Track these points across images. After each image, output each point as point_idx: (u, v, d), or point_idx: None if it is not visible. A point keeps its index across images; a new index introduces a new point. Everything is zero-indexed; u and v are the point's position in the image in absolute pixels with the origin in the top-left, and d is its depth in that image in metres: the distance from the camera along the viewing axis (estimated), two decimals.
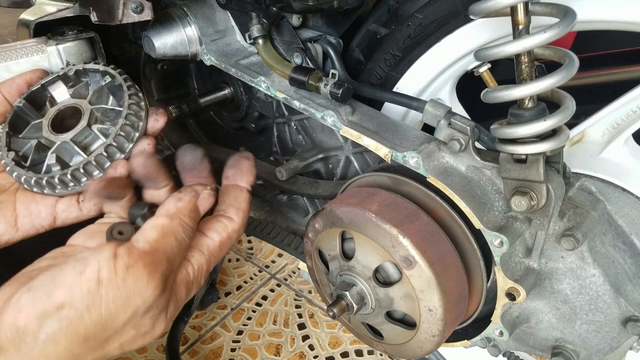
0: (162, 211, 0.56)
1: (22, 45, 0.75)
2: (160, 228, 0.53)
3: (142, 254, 0.50)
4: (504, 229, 0.57)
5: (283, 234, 0.84)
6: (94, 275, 0.47)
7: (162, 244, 0.52)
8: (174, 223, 0.54)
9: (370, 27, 0.73)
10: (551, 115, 0.51)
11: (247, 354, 1.26)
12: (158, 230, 0.53)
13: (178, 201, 0.56)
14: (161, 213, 0.55)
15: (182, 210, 0.56)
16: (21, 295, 0.46)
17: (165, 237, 0.52)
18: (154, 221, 0.54)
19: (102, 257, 0.48)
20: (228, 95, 0.92)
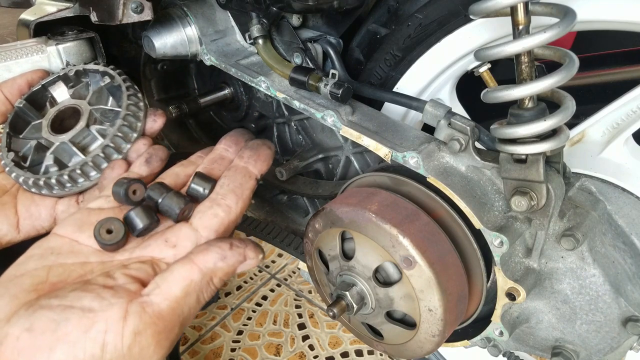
0: (198, 261, 0.49)
1: (22, 45, 0.75)
2: (187, 284, 0.47)
3: (156, 318, 0.45)
4: (504, 229, 0.57)
5: (283, 234, 0.84)
6: (99, 338, 0.43)
7: (182, 305, 0.47)
8: (203, 281, 0.48)
9: (370, 27, 0.73)
10: (551, 115, 0.51)
11: (247, 354, 1.26)
12: (183, 287, 0.47)
13: (222, 259, 0.50)
14: (196, 263, 0.49)
15: (220, 270, 0.50)
16: (21, 334, 0.43)
17: (187, 296, 0.47)
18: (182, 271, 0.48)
19: (110, 317, 0.44)
20: (228, 95, 0.92)
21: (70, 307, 0.45)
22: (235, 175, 0.59)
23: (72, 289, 0.47)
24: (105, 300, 0.45)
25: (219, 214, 0.55)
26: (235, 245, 0.51)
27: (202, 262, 0.49)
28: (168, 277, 0.48)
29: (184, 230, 0.54)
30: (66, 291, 0.47)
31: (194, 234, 0.54)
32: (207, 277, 0.49)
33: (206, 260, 0.49)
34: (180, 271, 0.48)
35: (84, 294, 0.46)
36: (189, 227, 0.55)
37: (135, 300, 0.46)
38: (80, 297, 0.46)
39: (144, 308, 0.45)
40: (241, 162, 0.61)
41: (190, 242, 0.53)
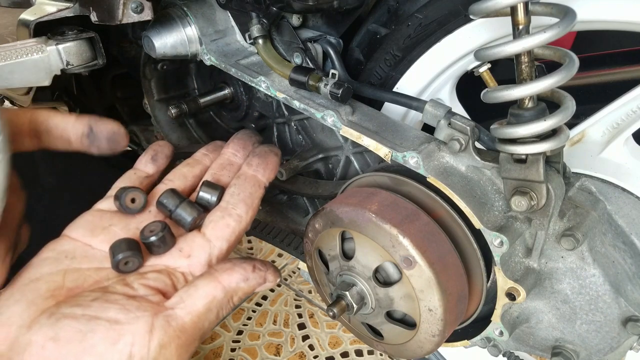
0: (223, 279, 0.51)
1: (22, 45, 0.75)
2: (210, 301, 0.49)
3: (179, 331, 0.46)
4: (504, 229, 0.57)
5: (283, 234, 0.84)
6: (126, 350, 0.44)
7: (203, 320, 0.49)
8: (225, 299, 0.50)
9: (370, 27, 0.73)
10: (551, 115, 0.51)
11: (247, 354, 1.26)
12: (206, 303, 0.49)
13: (244, 280, 0.52)
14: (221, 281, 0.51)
15: (241, 290, 0.52)
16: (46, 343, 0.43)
17: (209, 312, 0.49)
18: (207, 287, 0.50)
19: (137, 330, 0.45)
20: (228, 95, 0.91)
21: (96, 317, 0.45)
22: (244, 184, 0.60)
23: (93, 298, 0.47)
24: (131, 313, 0.46)
25: (230, 224, 0.57)
26: (258, 268, 0.54)
27: (227, 281, 0.51)
28: (193, 293, 0.49)
29: (197, 241, 0.56)
30: (88, 300, 0.47)
31: (207, 244, 0.55)
32: (228, 295, 0.51)
33: (230, 280, 0.51)
34: (204, 288, 0.50)
35: (109, 305, 0.47)
36: (202, 237, 0.56)
37: (160, 314, 0.47)
38: (105, 308, 0.46)
39: (169, 322, 0.46)
40: (250, 170, 0.61)
41: (204, 252, 0.55)
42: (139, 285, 0.50)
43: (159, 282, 0.51)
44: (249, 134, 0.69)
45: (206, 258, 0.55)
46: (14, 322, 0.45)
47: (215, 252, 0.55)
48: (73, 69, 0.78)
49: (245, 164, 0.63)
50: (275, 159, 0.64)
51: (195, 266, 0.54)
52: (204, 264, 0.55)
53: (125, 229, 0.57)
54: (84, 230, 0.56)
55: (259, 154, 0.64)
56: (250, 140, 0.68)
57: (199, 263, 0.55)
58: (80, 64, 0.78)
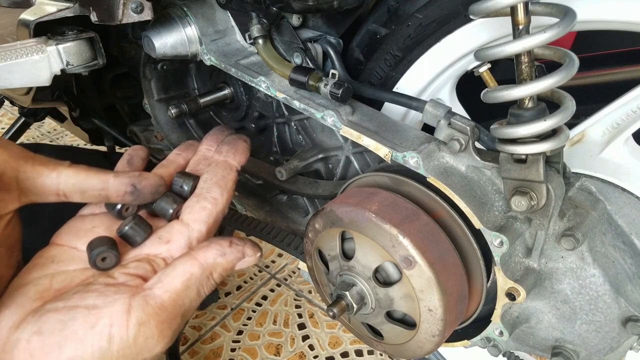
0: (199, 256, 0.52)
1: (22, 45, 0.75)
2: (188, 278, 0.50)
3: (158, 309, 0.47)
4: (504, 229, 0.57)
5: (283, 234, 0.84)
6: (105, 332, 0.45)
7: (183, 297, 0.49)
8: (203, 275, 0.51)
9: (370, 27, 0.73)
10: (551, 115, 0.51)
11: (247, 354, 1.26)
12: (184, 280, 0.49)
13: (221, 255, 0.52)
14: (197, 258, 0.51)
15: (219, 266, 0.52)
16: (31, 337, 0.45)
17: (188, 289, 0.50)
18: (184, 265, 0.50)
19: (114, 311, 0.46)
20: (228, 95, 0.91)
21: (75, 306, 0.47)
22: (216, 169, 0.61)
23: (75, 292, 0.49)
24: (109, 297, 0.47)
25: (206, 207, 0.58)
26: (235, 243, 0.54)
27: (203, 257, 0.52)
28: (170, 272, 0.50)
29: (175, 227, 0.57)
30: (70, 294, 0.49)
31: (185, 229, 0.56)
32: (207, 271, 0.51)
33: (206, 256, 0.52)
34: (182, 266, 0.51)
35: (88, 294, 0.48)
36: (180, 223, 0.57)
37: (138, 295, 0.48)
38: (84, 297, 0.48)
39: (147, 300, 0.47)
40: (220, 156, 0.63)
41: (183, 236, 0.56)
42: (120, 274, 0.52)
43: (139, 269, 0.53)
44: (221, 129, 0.71)
45: (185, 241, 0.56)
46: (3, 325, 0.46)
47: (195, 235, 0.56)
48: (73, 69, 0.78)
49: (216, 152, 0.65)
50: (244, 144, 0.65)
51: (175, 250, 0.55)
52: (184, 247, 0.56)
53: (108, 230, 0.57)
54: (68, 235, 0.57)
55: (228, 141, 0.66)
56: (223, 133, 0.70)
57: (179, 247, 0.55)
58: (80, 64, 0.78)
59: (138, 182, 0.55)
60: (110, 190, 0.54)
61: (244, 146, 0.65)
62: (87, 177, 0.53)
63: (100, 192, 0.53)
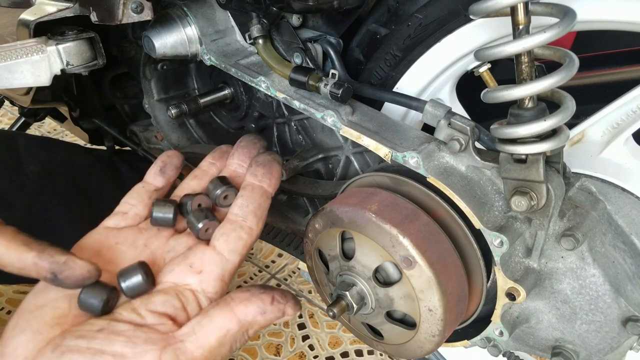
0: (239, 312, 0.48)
1: (22, 45, 0.75)
2: (224, 335, 0.46)
3: None
4: (504, 229, 0.57)
5: (283, 234, 0.84)
6: None
7: (215, 354, 0.46)
8: (239, 333, 0.47)
9: (370, 27, 0.73)
10: (551, 115, 0.51)
11: (247, 354, 1.26)
12: (220, 337, 0.46)
13: (261, 314, 0.48)
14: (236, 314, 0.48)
15: (257, 324, 0.48)
16: None
17: (222, 346, 0.46)
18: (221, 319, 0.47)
19: None
20: (228, 95, 0.91)
21: (101, 351, 0.43)
22: (252, 195, 0.58)
23: (99, 329, 0.46)
24: (138, 346, 0.44)
25: (242, 237, 0.55)
26: (277, 300, 0.50)
27: (242, 313, 0.48)
28: (206, 324, 0.47)
29: (208, 254, 0.53)
30: (93, 330, 0.45)
31: (220, 259, 0.53)
32: (243, 328, 0.48)
33: (246, 312, 0.48)
34: (218, 320, 0.47)
35: (114, 338, 0.45)
36: (213, 250, 0.53)
37: (169, 347, 0.44)
38: (110, 341, 0.44)
39: (178, 356, 0.44)
40: (256, 180, 0.59)
41: (216, 267, 0.53)
42: (146, 312, 0.48)
43: (168, 305, 0.49)
44: (253, 141, 0.67)
45: (219, 273, 0.53)
46: (19, 353, 0.43)
47: (229, 267, 0.53)
48: (73, 69, 0.77)
49: (250, 173, 0.61)
50: (278, 168, 0.62)
51: (208, 282, 0.52)
52: (217, 280, 0.52)
53: (132, 246, 0.55)
54: (90, 250, 0.54)
55: (263, 163, 0.61)
56: (255, 147, 0.66)
57: (212, 279, 0.52)
58: (80, 64, 0.78)
59: (60, 271, 0.47)
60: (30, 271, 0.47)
61: (278, 170, 0.62)
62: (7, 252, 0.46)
63: (20, 270, 0.47)
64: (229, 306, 0.48)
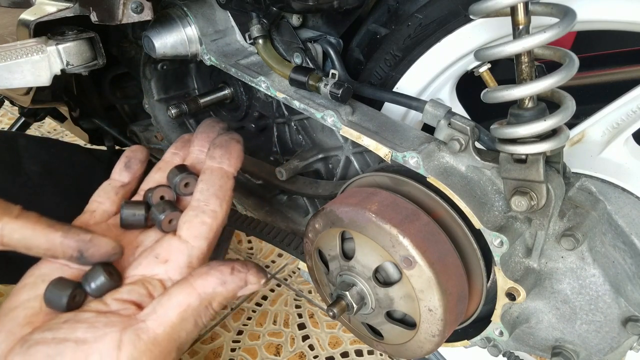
0: (198, 285, 0.48)
1: (22, 45, 0.75)
2: (185, 309, 0.46)
3: (151, 344, 0.44)
4: (504, 229, 0.57)
5: (283, 234, 0.84)
6: None
7: (178, 330, 0.46)
8: (201, 306, 0.47)
9: (370, 27, 0.73)
10: (551, 115, 0.51)
11: (247, 354, 1.26)
12: (180, 312, 0.46)
13: (222, 284, 0.49)
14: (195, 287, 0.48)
15: (219, 295, 0.48)
16: None
17: (184, 321, 0.46)
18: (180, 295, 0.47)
19: (104, 347, 0.43)
20: (228, 95, 0.91)
21: (64, 339, 0.44)
22: (212, 178, 0.57)
23: (65, 320, 0.46)
24: (99, 330, 0.44)
25: (206, 221, 0.54)
26: (237, 269, 0.50)
27: (202, 286, 0.48)
28: (165, 302, 0.47)
29: (174, 244, 0.53)
30: (60, 322, 0.46)
31: (185, 246, 0.53)
32: (205, 301, 0.48)
33: (205, 284, 0.48)
34: (178, 296, 0.47)
35: (77, 325, 0.45)
36: (178, 239, 0.53)
37: (130, 328, 0.45)
38: (73, 329, 0.45)
39: (139, 335, 0.44)
40: (215, 162, 0.59)
41: (182, 255, 0.53)
42: (112, 300, 0.49)
43: (133, 293, 0.49)
44: (211, 125, 0.66)
45: (185, 261, 0.52)
46: None
47: (195, 253, 0.53)
48: (73, 69, 0.78)
49: (208, 157, 0.60)
50: (237, 146, 0.61)
51: (174, 270, 0.52)
52: (183, 267, 0.52)
53: None
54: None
55: (220, 144, 0.60)
56: (214, 130, 0.65)
57: (178, 267, 0.52)
58: (80, 64, 0.78)
59: (86, 248, 0.50)
60: (57, 251, 0.49)
61: (237, 148, 0.61)
62: (33, 234, 0.48)
63: (46, 251, 0.49)
64: (188, 282, 0.48)
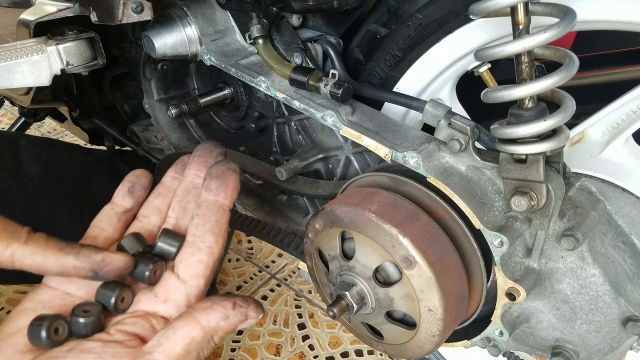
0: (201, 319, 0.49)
1: (22, 45, 0.75)
2: (189, 342, 0.47)
3: None
4: (504, 229, 0.57)
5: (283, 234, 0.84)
6: None
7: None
8: (204, 339, 0.48)
9: (370, 27, 0.73)
10: (551, 115, 0.51)
11: (247, 354, 1.26)
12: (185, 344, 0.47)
13: (224, 319, 0.50)
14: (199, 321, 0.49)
15: (221, 329, 0.49)
16: None
17: (189, 354, 0.47)
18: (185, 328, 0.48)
19: None
20: (228, 95, 0.91)
21: None
22: (208, 212, 0.56)
23: (69, 349, 0.46)
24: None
25: (203, 259, 0.54)
26: (238, 304, 0.51)
27: (205, 320, 0.49)
28: (171, 335, 0.48)
29: (172, 283, 0.54)
30: (63, 351, 0.46)
31: (183, 286, 0.53)
32: (208, 335, 0.49)
33: (209, 319, 0.49)
34: (182, 330, 0.48)
35: (84, 355, 0.45)
36: (177, 278, 0.54)
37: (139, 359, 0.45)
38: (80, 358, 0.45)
39: None
40: (210, 195, 0.57)
41: (181, 294, 0.53)
42: (116, 331, 0.49)
43: (137, 326, 0.50)
44: (209, 148, 0.64)
45: (184, 300, 0.53)
46: None
47: (193, 292, 0.54)
48: (73, 69, 0.78)
49: (204, 188, 0.58)
50: (234, 177, 0.59)
51: (174, 309, 0.53)
52: (182, 307, 0.53)
53: None
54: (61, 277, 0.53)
55: (217, 174, 0.58)
56: (212, 155, 0.63)
57: (177, 306, 0.53)
58: (80, 64, 0.78)
59: (99, 268, 0.50)
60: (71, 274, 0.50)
61: (234, 179, 0.58)
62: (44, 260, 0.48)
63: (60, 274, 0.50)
64: (192, 316, 0.49)
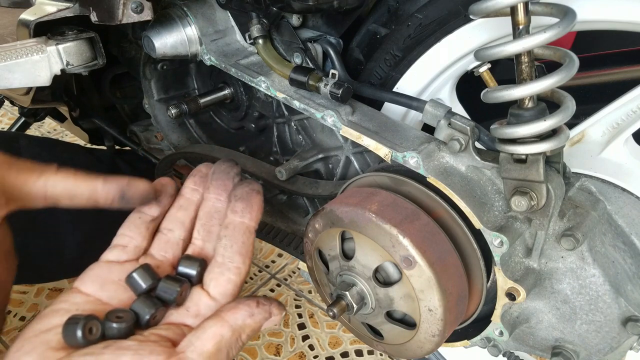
0: (229, 318, 0.51)
1: (22, 45, 0.75)
2: (219, 340, 0.49)
3: None
4: (504, 229, 0.57)
5: (283, 234, 0.84)
6: None
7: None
8: (233, 337, 0.50)
9: (370, 27, 0.73)
10: (551, 115, 0.51)
11: (247, 354, 1.26)
12: (215, 343, 0.48)
13: (250, 316, 0.51)
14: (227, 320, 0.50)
15: (248, 327, 0.51)
16: None
17: (219, 352, 0.49)
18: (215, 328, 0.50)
19: None
20: (228, 95, 0.91)
21: None
22: (235, 234, 0.58)
23: (105, 346, 0.47)
24: (145, 357, 0.46)
25: (232, 279, 0.56)
26: (262, 303, 0.53)
27: (232, 319, 0.51)
28: (201, 335, 0.49)
29: (203, 300, 0.55)
30: (99, 348, 0.47)
31: (214, 303, 0.55)
32: (236, 333, 0.50)
33: (236, 317, 0.51)
34: (212, 329, 0.50)
35: (121, 352, 0.46)
36: (207, 296, 0.55)
37: (174, 357, 0.46)
38: (118, 355, 0.46)
39: None
40: (237, 217, 0.59)
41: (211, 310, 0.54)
42: (150, 334, 0.50)
43: (170, 332, 0.51)
44: (225, 170, 0.64)
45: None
46: None
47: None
48: (73, 69, 0.78)
49: (230, 210, 0.59)
50: (258, 198, 0.60)
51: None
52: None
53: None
54: (93, 284, 0.55)
55: (241, 196, 0.60)
56: (229, 177, 0.64)
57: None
58: (80, 64, 0.78)
59: (127, 189, 0.54)
60: (99, 196, 0.53)
61: (258, 200, 0.60)
62: (75, 184, 0.52)
63: (89, 198, 0.53)
64: (219, 316, 0.51)
